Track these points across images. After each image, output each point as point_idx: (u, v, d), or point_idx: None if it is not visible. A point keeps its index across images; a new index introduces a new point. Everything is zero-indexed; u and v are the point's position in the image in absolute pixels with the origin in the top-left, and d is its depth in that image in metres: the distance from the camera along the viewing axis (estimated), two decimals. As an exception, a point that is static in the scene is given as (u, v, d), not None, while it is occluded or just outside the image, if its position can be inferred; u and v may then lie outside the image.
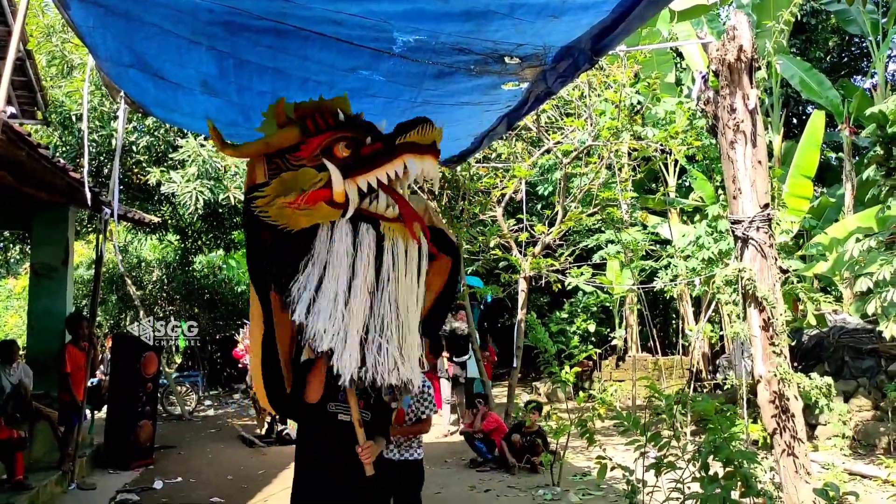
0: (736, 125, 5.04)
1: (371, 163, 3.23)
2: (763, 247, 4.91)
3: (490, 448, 9.05)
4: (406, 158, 3.19)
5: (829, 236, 12.61)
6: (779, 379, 4.70)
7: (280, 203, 3.21)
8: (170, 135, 11.40)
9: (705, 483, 4.15)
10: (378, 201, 3.24)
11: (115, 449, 8.72)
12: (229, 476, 8.40)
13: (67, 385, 7.83)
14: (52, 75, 11.21)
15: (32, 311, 9.13)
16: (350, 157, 3.25)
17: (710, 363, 14.88)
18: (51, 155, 6.59)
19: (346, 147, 3.25)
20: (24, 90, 8.52)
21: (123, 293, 16.45)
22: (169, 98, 5.10)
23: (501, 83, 4.44)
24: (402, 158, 3.19)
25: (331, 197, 3.21)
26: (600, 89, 10.19)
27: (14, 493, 6.28)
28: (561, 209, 10.98)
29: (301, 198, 3.20)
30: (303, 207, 3.19)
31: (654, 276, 14.22)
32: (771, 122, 15.47)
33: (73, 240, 9.75)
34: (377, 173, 3.21)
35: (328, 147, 3.26)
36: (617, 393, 14.07)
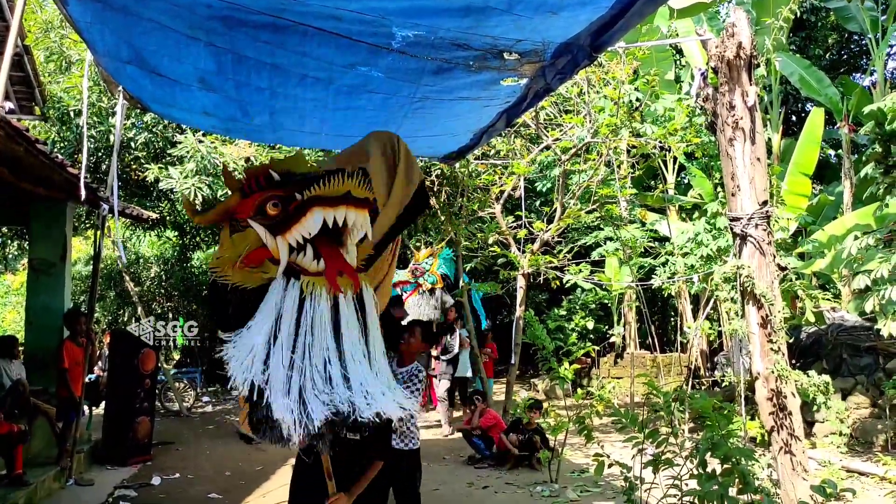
0: (735, 122, 5.03)
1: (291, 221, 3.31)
2: (761, 244, 4.91)
3: (488, 445, 9.05)
4: (314, 212, 3.27)
5: (827, 234, 12.62)
6: (777, 376, 4.70)
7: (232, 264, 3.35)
8: (168, 131, 11.38)
9: (703, 480, 4.15)
10: (305, 255, 3.31)
11: (113, 445, 8.72)
12: (227, 472, 8.40)
13: (65, 381, 7.82)
14: (50, 71, 11.19)
15: (30, 307, 9.12)
16: (279, 214, 3.32)
17: (709, 360, 14.90)
18: (49, 151, 6.58)
19: (274, 206, 3.32)
20: (22, 85, 8.53)
21: (122, 289, 16.45)
22: (167, 94, 5.10)
23: (500, 79, 4.44)
24: (312, 212, 3.27)
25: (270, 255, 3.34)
26: (599, 86, 10.18)
27: (12, 488, 6.27)
28: (560, 206, 10.98)
29: (245, 257, 3.34)
30: (252, 266, 3.32)
31: (652, 274, 14.22)
32: (770, 119, 15.47)
33: (71, 236, 9.74)
34: (298, 229, 3.30)
35: (261, 207, 3.34)
36: (615, 390, 14.09)
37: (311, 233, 3.29)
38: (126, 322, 18.15)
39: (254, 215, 3.35)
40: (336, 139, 5.79)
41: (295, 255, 3.33)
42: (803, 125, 14.01)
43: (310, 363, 3.17)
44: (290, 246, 3.32)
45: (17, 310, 17.86)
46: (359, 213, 3.35)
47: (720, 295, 9.21)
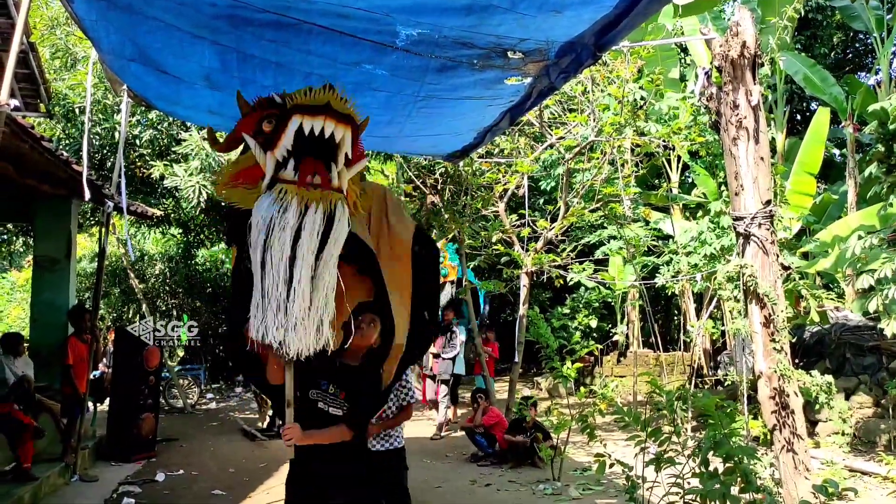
0: (738, 121, 5.03)
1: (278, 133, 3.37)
2: (765, 243, 4.91)
3: (491, 443, 9.07)
4: (293, 118, 3.30)
5: (831, 233, 12.59)
6: (779, 375, 4.70)
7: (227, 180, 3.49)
8: (173, 128, 11.41)
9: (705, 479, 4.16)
10: (286, 168, 3.35)
11: (117, 441, 8.75)
12: (231, 469, 8.42)
13: (70, 377, 7.85)
14: (55, 68, 11.23)
15: (35, 304, 9.15)
16: (271, 131, 3.39)
17: (712, 359, 14.89)
18: (54, 148, 6.60)
19: (269, 123, 3.40)
20: (27, 83, 8.54)
21: (126, 286, 16.49)
22: (171, 92, 5.11)
23: (504, 78, 4.44)
24: (291, 119, 3.31)
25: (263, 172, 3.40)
26: (603, 85, 10.18)
27: (18, 483, 6.31)
28: (563, 205, 10.98)
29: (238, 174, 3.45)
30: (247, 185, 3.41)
31: (656, 272, 14.21)
32: (774, 118, 15.44)
33: (76, 232, 9.77)
34: (283, 141, 3.34)
35: (258, 126, 3.43)
36: (618, 388, 14.09)
37: (291, 141, 3.32)
38: (131, 319, 18.20)
39: (252, 133, 3.44)
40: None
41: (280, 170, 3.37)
42: (808, 124, 13.98)
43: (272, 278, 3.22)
44: (276, 161, 3.37)
45: (23, 306, 17.91)
46: (338, 125, 3.36)
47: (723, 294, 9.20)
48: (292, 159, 3.36)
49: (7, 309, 19.84)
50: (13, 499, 5.93)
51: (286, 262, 3.21)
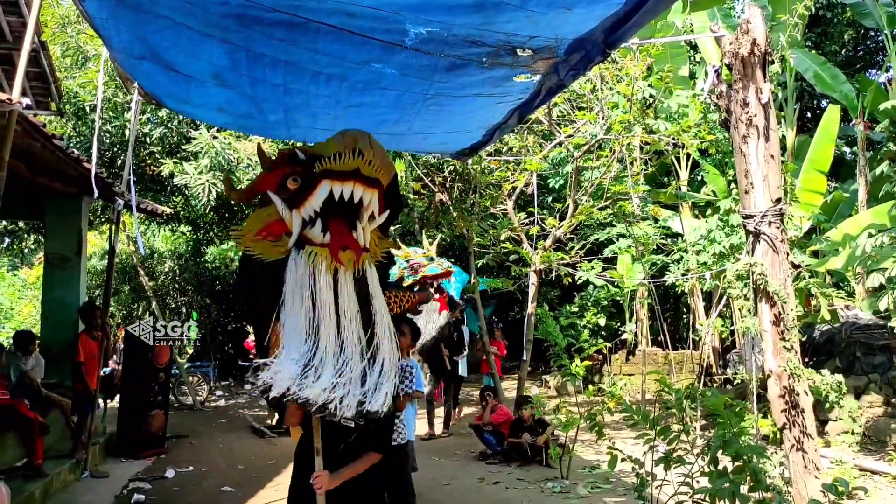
0: (749, 119, 5.01)
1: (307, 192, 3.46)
2: (775, 241, 4.89)
3: (499, 441, 9.07)
4: (323, 183, 3.39)
5: (841, 232, 12.53)
6: (789, 374, 4.69)
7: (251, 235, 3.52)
8: (183, 126, 11.45)
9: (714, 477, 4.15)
10: (313, 227, 3.43)
11: (127, 438, 8.80)
12: (240, 466, 8.45)
13: (81, 374, 7.90)
14: (66, 66, 11.28)
15: (46, 301, 9.20)
16: (297, 190, 3.48)
17: (721, 358, 14.84)
18: (65, 146, 6.63)
19: (294, 181, 3.48)
20: (38, 81, 8.59)
21: (136, 284, 16.57)
22: (181, 90, 5.13)
23: (513, 75, 4.44)
24: (321, 184, 3.40)
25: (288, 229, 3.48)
26: (612, 82, 10.15)
27: (30, 479, 6.35)
28: (572, 203, 10.96)
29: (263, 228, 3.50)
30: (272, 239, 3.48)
31: (665, 271, 14.18)
32: (784, 116, 15.36)
33: (87, 230, 9.82)
34: (310, 202, 3.42)
35: (282, 182, 3.50)
36: (626, 387, 14.05)
37: (319, 204, 3.40)
38: (140, 316, 18.30)
39: (276, 189, 3.50)
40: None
41: (307, 228, 3.44)
42: (818, 122, 13.90)
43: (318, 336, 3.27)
44: (303, 220, 3.44)
45: (34, 304, 18.02)
46: (367, 190, 3.44)
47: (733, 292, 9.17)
48: (319, 220, 3.44)
49: (18, 306, 19.96)
50: (25, 495, 5.97)
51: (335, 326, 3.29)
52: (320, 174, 3.40)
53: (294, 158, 3.56)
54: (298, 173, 3.48)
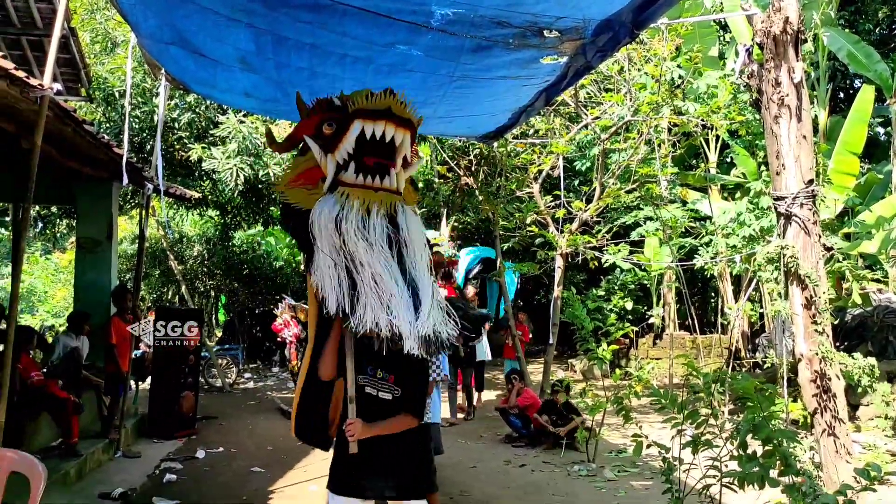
0: (780, 99, 4.92)
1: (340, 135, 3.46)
2: (806, 224, 4.81)
3: (525, 424, 9.08)
4: (355, 123, 3.38)
5: (875, 214, 12.31)
6: (821, 358, 4.63)
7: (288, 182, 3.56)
8: (210, 111, 11.53)
9: (744, 461, 4.12)
10: (347, 170, 3.42)
11: (158, 419, 8.94)
12: (269, 447, 8.56)
13: (113, 356, 8.04)
14: (95, 52, 11.38)
15: (78, 285, 9.36)
16: (331, 134, 3.48)
17: (750, 342, 14.70)
18: (95, 131, 6.71)
19: (329, 126, 3.48)
20: (68, 67, 8.68)
21: (166, 268, 16.77)
22: (208, 75, 5.16)
23: (540, 57, 4.40)
24: (353, 123, 3.39)
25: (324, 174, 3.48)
26: (640, 63, 10.02)
27: (65, 458, 6.49)
28: (599, 185, 10.88)
29: (300, 174, 3.52)
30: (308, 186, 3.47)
31: (693, 254, 14.04)
32: (817, 96, 15.07)
33: (117, 214, 9.94)
34: (343, 144, 3.43)
35: (318, 128, 3.52)
36: (654, 371, 13.98)
37: (352, 144, 3.41)
38: (170, 300, 18.54)
39: (312, 135, 3.53)
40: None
41: (341, 172, 3.45)
42: (850, 102, 13.64)
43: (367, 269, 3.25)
44: (337, 163, 3.45)
45: (67, 287, 18.32)
46: (398, 130, 3.44)
47: (763, 276, 9.06)
48: (353, 162, 3.43)
49: (52, 290, 20.31)
50: (61, 473, 6.11)
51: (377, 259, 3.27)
52: (352, 114, 3.41)
53: (330, 105, 3.57)
54: (333, 118, 3.49)
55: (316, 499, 6.43)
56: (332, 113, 3.51)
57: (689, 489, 5.27)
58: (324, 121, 3.51)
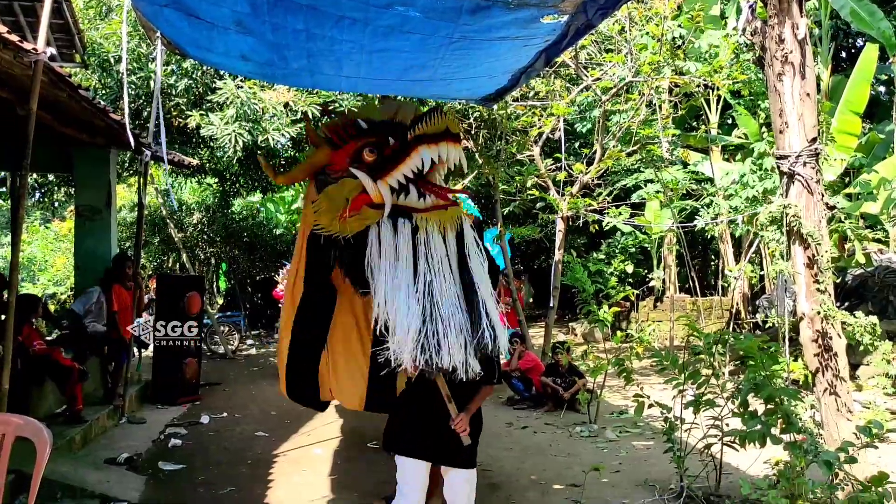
0: (784, 56, 4.85)
1: (394, 161, 3.52)
2: (809, 182, 4.77)
3: (527, 386, 9.14)
4: (420, 150, 3.46)
5: (878, 175, 12.24)
6: (822, 317, 4.63)
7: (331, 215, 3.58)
8: (207, 77, 11.38)
9: (746, 419, 4.15)
10: (409, 195, 3.50)
11: (162, 385, 9.01)
12: (273, 412, 8.63)
13: (115, 323, 8.05)
14: (89, 17, 11.21)
15: (78, 253, 9.35)
16: (376, 160, 3.55)
17: (750, 304, 14.73)
18: (90, 97, 6.64)
19: (371, 152, 3.57)
20: (62, 33, 8.57)
21: (165, 235, 16.74)
22: (204, 38, 5.08)
23: (540, 16, 4.32)
24: (417, 151, 3.46)
25: (371, 200, 3.53)
26: (641, 23, 9.89)
27: (70, 425, 6.54)
28: (599, 148, 10.81)
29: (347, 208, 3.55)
30: (351, 214, 3.54)
31: (694, 216, 14.00)
32: (819, 55, 14.89)
33: (115, 182, 9.89)
34: (401, 170, 3.49)
35: (356, 155, 3.60)
36: (655, 333, 14.05)
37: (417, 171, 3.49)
38: (171, 268, 18.55)
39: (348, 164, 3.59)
40: (373, 83, 5.72)
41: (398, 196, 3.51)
42: (852, 62, 13.48)
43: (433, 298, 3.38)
44: (390, 188, 3.51)
45: (67, 255, 18.30)
46: (454, 147, 3.54)
47: (766, 235, 9.03)
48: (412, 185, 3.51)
49: (52, 258, 20.30)
50: (66, 439, 6.16)
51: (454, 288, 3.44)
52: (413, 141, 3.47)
53: (359, 129, 3.64)
54: (372, 143, 3.54)
55: (320, 462, 6.50)
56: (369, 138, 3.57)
57: (691, 448, 5.32)
58: (362, 148, 3.56)
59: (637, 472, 6.05)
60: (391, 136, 3.59)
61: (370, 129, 3.59)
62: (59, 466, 5.48)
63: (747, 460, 5.42)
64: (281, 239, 18.63)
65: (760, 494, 3.73)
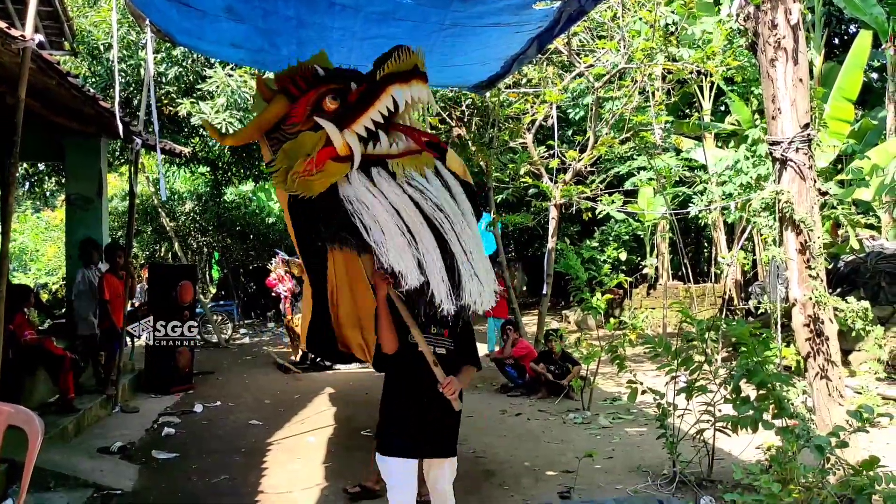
0: (777, 42, 4.84)
1: (361, 106, 3.20)
2: (802, 168, 4.77)
3: (521, 374, 9.16)
4: (392, 90, 3.16)
5: (870, 161, 12.27)
6: (814, 302, 4.64)
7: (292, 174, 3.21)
8: (198, 65, 11.32)
9: (738, 405, 4.16)
10: (380, 142, 3.21)
11: (155, 375, 8.98)
12: (266, 400, 8.62)
13: (107, 312, 8.02)
14: (78, 5, 11.14)
15: (70, 242, 9.29)
16: (339, 107, 3.21)
17: (742, 290, 14.78)
18: (80, 84, 6.58)
19: (333, 99, 3.23)
20: (51, 21, 8.49)
21: (157, 224, 16.69)
22: (194, 25, 5.05)
23: (532, 2, 4.31)
24: (388, 90, 3.16)
25: (336, 153, 3.17)
26: (634, 9, 9.85)
27: (62, 414, 6.52)
28: (592, 135, 10.79)
29: (310, 163, 3.17)
30: (314, 172, 3.17)
31: (687, 203, 14.02)
32: (812, 41, 14.88)
33: (106, 171, 9.83)
34: (370, 114, 3.18)
35: (317, 104, 3.24)
36: (648, 320, 14.10)
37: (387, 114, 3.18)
38: (163, 257, 18.49)
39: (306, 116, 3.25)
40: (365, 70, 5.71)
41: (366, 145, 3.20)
42: (845, 49, 13.50)
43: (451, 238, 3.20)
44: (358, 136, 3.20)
45: (58, 245, 18.23)
46: (423, 86, 3.29)
47: (759, 221, 9.04)
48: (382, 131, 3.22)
49: (43, 248, 20.21)
50: (59, 429, 6.14)
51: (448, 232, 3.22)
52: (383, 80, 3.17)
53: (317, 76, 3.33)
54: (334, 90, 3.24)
55: (313, 450, 6.50)
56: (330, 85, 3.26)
57: (683, 434, 5.34)
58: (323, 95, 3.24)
59: (630, 458, 6.07)
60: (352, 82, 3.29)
61: (328, 77, 3.29)
62: (52, 455, 5.46)
63: (739, 445, 5.45)
64: (273, 228, 18.58)
65: (753, 479, 3.74)
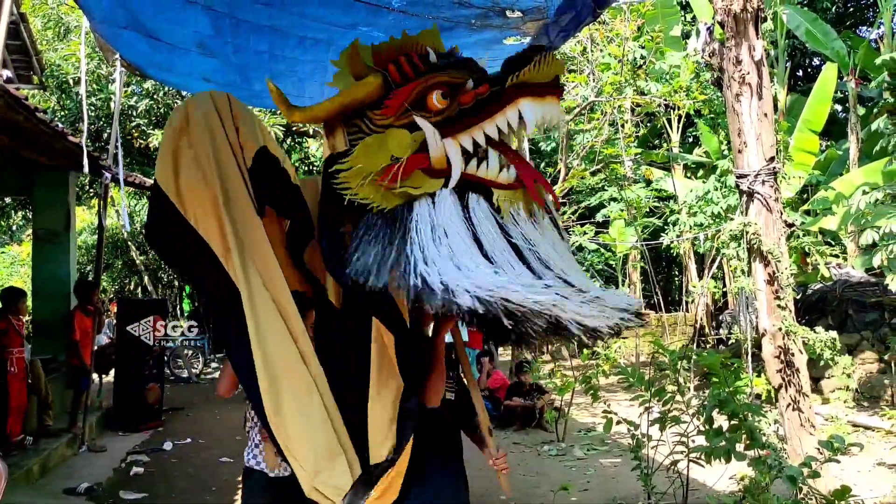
0: (742, 77, 4.95)
1: (475, 113, 2.47)
2: (768, 200, 4.86)
3: (495, 405, 9.11)
4: (521, 103, 2.40)
5: (834, 191, 12.53)
6: (784, 333, 4.70)
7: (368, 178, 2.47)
8: (169, 97, 11.29)
9: (710, 436, 4.17)
10: (488, 163, 2.47)
11: (124, 412, 8.80)
12: (238, 436, 8.46)
13: (76, 350, 7.87)
14: (48, 39, 11.09)
15: (37, 277, 9.14)
16: (448, 108, 2.47)
17: (714, 319, 14.92)
18: (49, 119, 6.53)
19: (443, 97, 2.47)
20: (20, 54, 8.43)
21: (128, 258, 16.49)
22: (165, 59, 5.03)
23: (503, 38, 4.36)
24: (518, 102, 2.40)
25: (428, 164, 2.44)
26: (603, 44, 10.04)
27: (27, 456, 6.35)
28: (563, 167, 10.90)
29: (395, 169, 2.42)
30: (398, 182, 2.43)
31: (658, 234, 14.18)
32: (776, 74, 15.26)
33: (75, 205, 9.72)
34: (484, 127, 2.46)
35: (420, 98, 2.48)
36: (621, 350, 14.13)
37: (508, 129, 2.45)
38: (132, 291, 18.24)
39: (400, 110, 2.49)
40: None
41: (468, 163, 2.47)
42: (809, 80, 13.85)
43: None
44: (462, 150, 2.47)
45: (24, 279, 17.92)
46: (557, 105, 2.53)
47: (727, 252, 9.17)
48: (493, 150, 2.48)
49: (9, 283, 19.86)
50: (24, 470, 5.98)
51: None
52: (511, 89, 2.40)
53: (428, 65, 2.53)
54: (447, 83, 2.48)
55: (287, 487, 6.39)
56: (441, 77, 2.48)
57: (658, 465, 5.34)
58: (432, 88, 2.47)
59: (605, 490, 6.05)
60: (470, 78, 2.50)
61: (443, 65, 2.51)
62: (17, 498, 5.32)
63: (713, 476, 5.46)
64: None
65: (727, 510, 3.75)
